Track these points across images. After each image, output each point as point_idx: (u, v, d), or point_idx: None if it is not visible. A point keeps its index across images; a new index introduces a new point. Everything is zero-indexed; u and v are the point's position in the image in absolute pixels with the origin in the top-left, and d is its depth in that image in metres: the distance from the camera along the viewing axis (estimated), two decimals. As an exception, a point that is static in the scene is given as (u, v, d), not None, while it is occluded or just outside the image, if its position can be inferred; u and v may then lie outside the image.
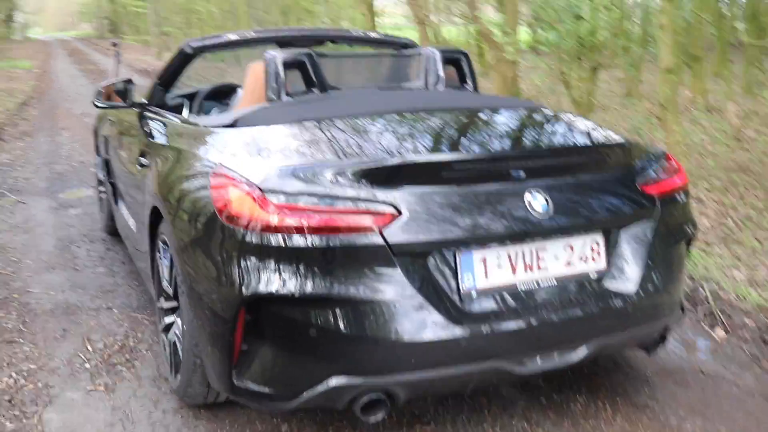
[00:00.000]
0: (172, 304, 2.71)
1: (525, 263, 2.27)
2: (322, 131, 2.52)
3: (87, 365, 3.02)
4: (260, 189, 2.10)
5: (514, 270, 2.25)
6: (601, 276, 2.38)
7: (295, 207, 2.06)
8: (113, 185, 4.32)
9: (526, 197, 2.23)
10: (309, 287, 2.05)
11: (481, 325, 2.15)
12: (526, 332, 2.20)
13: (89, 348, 3.18)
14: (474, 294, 2.20)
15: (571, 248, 2.33)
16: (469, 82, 3.35)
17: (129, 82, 3.71)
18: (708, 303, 3.64)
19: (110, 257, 4.44)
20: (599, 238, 2.39)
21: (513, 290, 2.25)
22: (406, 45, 3.96)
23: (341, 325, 2.07)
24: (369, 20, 13.27)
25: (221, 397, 2.55)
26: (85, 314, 3.56)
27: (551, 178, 2.31)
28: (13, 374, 2.93)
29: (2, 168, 7.16)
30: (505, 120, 2.83)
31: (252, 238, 2.07)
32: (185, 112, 4.06)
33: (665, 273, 2.46)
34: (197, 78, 4.91)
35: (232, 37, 3.69)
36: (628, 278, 2.38)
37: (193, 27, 24.90)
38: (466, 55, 3.36)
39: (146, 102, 3.74)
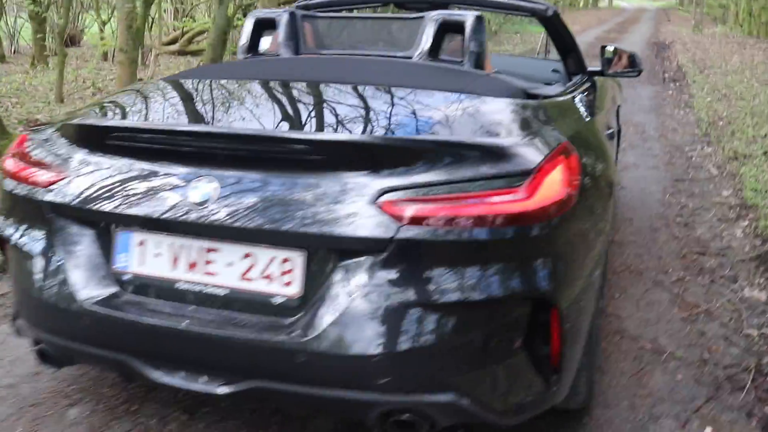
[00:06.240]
0: None
1: (189, 260, 1.92)
2: (181, 92, 2.45)
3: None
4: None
5: (175, 264, 1.93)
6: (288, 305, 1.85)
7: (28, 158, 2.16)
8: None
9: (192, 184, 1.86)
10: (5, 230, 2.16)
11: (119, 312, 1.92)
12: (169, 339, 1.90)
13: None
14: (127, 277, 1.98)
15: (252, 259, 1.88)
16: (466, 57, 2.62)
17: None
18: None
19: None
20: (297, 257, 1.84)
21: (169, 286, 1.94)
22: (535, 12, 3.26)
23: (15, 269, 2.13)
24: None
25: None
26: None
27: (248, 170, 1.87)
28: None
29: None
30: (371, 101, 2.26)
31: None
32: None
33: (397, 330, 1.76)
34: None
35: None
36: (325, 319, 1.79)
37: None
38: (474, 23, 2.61)
39: None
